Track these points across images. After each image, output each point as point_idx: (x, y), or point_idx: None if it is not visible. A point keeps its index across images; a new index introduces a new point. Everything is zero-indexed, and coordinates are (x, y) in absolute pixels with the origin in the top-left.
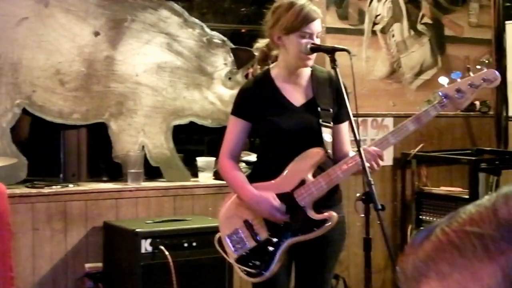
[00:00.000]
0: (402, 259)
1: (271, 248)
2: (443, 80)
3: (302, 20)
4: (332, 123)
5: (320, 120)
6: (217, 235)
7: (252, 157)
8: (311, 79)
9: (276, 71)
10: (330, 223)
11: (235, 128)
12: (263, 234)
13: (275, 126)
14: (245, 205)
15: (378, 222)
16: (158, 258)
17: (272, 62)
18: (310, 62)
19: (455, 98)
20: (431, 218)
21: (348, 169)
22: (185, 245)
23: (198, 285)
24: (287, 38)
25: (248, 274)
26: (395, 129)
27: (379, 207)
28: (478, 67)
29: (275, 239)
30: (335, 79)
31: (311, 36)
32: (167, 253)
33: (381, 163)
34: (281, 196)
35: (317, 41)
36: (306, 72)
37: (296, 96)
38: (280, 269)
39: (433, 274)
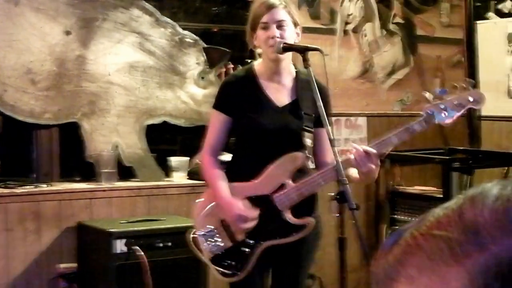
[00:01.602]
0: (373, 263)
1: (247, 250)
2: (428, 95)
3: (259, 11)
4: (313, 127)
5: (303, 125)
6: (192, 233)
7: (227, 157)
8: (295, 81)
9: (259, 68)
10: (307, 228)
11: (216, 123)
12: (240, 235)
13: (254, 124)
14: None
15: (353, 221)
16: (132, 258)
17: None
18: (277, 56)
19: (441, 116)
20: (405, 218)
21: (330, 178)
22: (160, 245)
23: (172, 285)
24: (256, 34)
25: (223, 274)
26: (378, 142)
27: (353, 206)
28: (464, 85)
29: (251, 241)
30: (318, 81)
31: (267, 25)
32: (141, 253)
33: (373, 166)
34: (259, 199)
35: (284, 31)
36: (290, 73)
37: (279, 97)
38: (257, 269)
39: (402, 278)
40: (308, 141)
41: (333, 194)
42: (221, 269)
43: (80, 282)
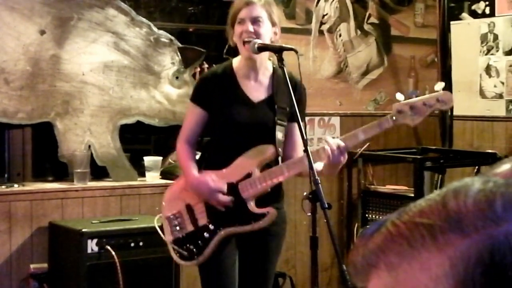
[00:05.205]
0: (352, 252)
1: (207, 235)
2: (400, 96)
3: (238, 7)
4: (287, 121)
5: (276, 118)
6: (158, 215)
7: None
8: (272, 78)
9: (237, 65)
10: (267, 218)
11: (192, 115)
12: (202, 220)
13: (230, 118)
14: (190, 190)
15: (325, 220)
16: (104, 258)
17: None
18: (250, 54)
19: (408, 114)
20: (377, 217)
21: (294, 168)
22: (132, 245)
23: (144, 285)
24: (234, 31)
25: (181, 256)
26: (347, 136)
27: (326, 205)
28: (437, 88)
29: (212, 226)
30: (294, 78)
31: (243, 21)
32: (113, 253)
33: (342, 159)
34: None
35: (259, 27)
36: (267, 70)
37: (255, 92)
38: (228, 259)
39: (382, 265)
40: (280, 135)
41: (305, 193)
42: (180, 252)
43: (51, 282)
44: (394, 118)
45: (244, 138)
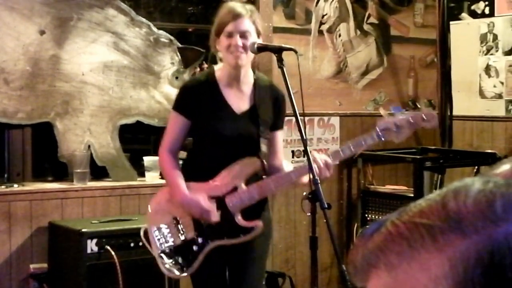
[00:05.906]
0: (352, 251)
1: (195, 248)
2: (383, 112)
3: (225, 19)
4: (269, 133)
5: (260, 131)
6: (144, 227)
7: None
8: (254, 88)
9: (220, 74)
10: (255, 231)
11: (175, 124)
12: (189, 233)
13: (213, 129)
14: (176, 202)
15: (324, 220)
16: (104, 258)
17: None
18: (240, 61)
19: (393, 132)
20: (376, 217)
21: (282, 184)
22: (131, 245)
23: (144, 285)
24: (219, 41)
25: (169, 270)
26: (334, 152)
27: (325, 205)
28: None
29: (200, 240)
30: (275, 88)
31: (231, 34)
32: (113, 253)
33: (328, 174)
34: (212, 199)
35: (247, 40)
36: (249, 80)
37: (238, 103)
38: (217, 269)
39: (382, 265)
40: (264, 147)
41: (305, 193)
42: (168, 265)
43: (51, 282)
44: (379, 136)
45: (229, 149)
